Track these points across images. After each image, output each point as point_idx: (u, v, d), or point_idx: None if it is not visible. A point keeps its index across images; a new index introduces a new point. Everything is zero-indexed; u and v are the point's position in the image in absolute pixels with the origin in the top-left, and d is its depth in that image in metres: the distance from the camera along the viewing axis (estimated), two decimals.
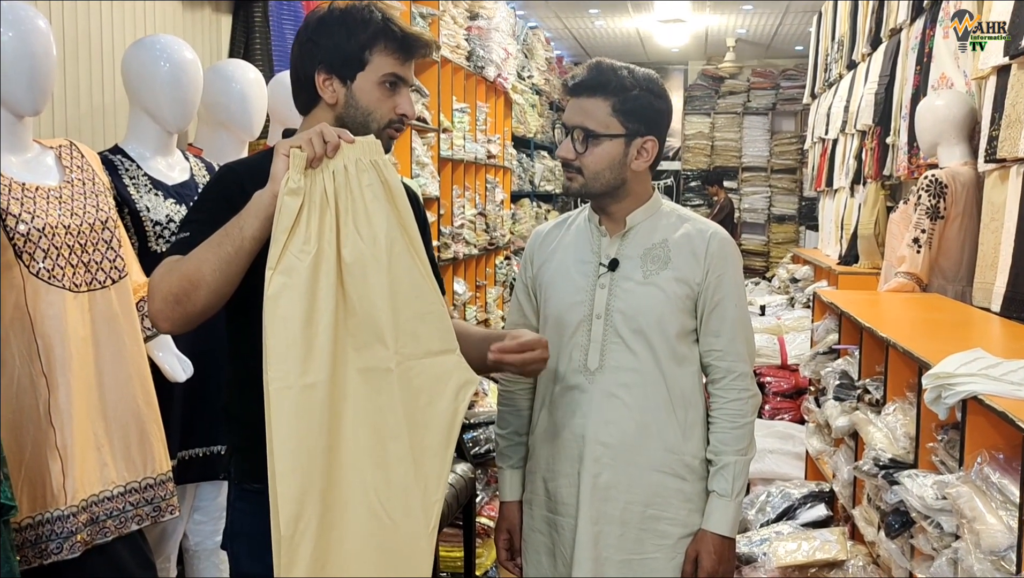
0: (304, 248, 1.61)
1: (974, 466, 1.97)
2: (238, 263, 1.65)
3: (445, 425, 1.72)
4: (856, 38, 6.42)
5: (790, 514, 3.65)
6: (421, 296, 1.71)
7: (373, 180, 1.68)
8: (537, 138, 10.15)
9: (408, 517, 1.67)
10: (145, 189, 2.61)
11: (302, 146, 1.63)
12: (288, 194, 1.61)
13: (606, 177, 2.03)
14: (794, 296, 7.03)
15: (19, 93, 2.16)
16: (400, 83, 1.84)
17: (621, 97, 2.00)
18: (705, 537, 2.04)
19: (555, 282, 2.13)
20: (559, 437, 2.09)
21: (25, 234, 2.10)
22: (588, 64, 2.05)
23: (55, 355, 2.12)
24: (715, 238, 2.07)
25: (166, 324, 1.69)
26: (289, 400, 1.59)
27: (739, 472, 2.05)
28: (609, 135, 2.01)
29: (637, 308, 2.03)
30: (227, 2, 3.81)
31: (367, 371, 1.66)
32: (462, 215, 6.66)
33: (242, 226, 1.65)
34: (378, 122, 1.82)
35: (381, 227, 1.66)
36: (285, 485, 1.58)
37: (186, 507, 2.75)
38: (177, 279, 1.65)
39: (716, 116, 13.75)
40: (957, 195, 3.61)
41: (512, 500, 2.21)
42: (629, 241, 2.08)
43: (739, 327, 2.07)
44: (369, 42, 1.80)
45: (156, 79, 2.64)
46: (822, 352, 3.72)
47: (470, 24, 6.98)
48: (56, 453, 2.10)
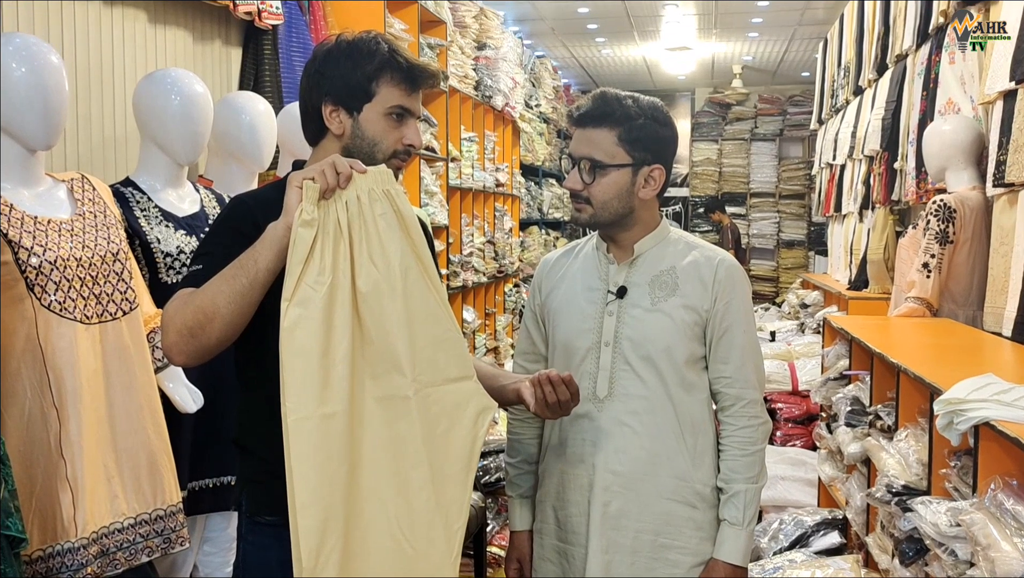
0: (319, 279, 1.61)
1: (988, 493, 1.95)
2: (252, 295, 1.65)
3: (465, 452, 1.72)
4: (862, 64, 6.44)
5: (803, 542, 3.62)
6: (437, 323, 1.71)
7: (386, 209, 1.68)
8: (545, 166, 10.19)
9: (431, 546, 1.67)
10: (156, 221, 2.63)
11: (315, 178, 1.64)
12: (302, 225, 1.61)
13: (614, 206, 2.04)
14: (804, 322, 7.01)
15: (32, 127, 2.18)
16: (407, 114, 1.84)
17: (626, 126, 2.01)
18: (716, 566, 2.03)
19: (563, 310, 2.13)
20: (569, 466, 2.08)
21: (37, 267, 2.11)
22: (593, 94, 2.05)
23: (66, 387, 2.12)
24: (723, 265, 2.07)
25: (180, 357, 1.68)
26: (308, 431, 1.58)
27: (750, 500, 2.03)
28: (616, 165, 2.02)
29: (645, 335, 2.03)
30: (237, 35, 3.85)
31: (385, 400, 1.66)
32: (471, 243, 6.67)
33: (256, 258, 1.65)
34: (384, 153, 1.83)
35: (395, 256, 1.67)
36: (306, 517, 1.57)
37: (196, 538, 2.74)
38: (192, 312, 1.65)
39: (723, 142, 13.78)
40: (966, 220, 3.61)
41: (522, 529, 2.20)
42: (637, 268, 2.08)
43: (748, 354, 2.07)
44: (375, 73, 1.80)
45: (167, 112, 2.67)
46: (833, 378, 3.71)
47: (478, 54, 7.03)
48: (67, 485, 2.11)
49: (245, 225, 1.75)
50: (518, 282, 8.42)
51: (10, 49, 2.17)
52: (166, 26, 3.37)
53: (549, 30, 10.08)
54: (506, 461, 2.23)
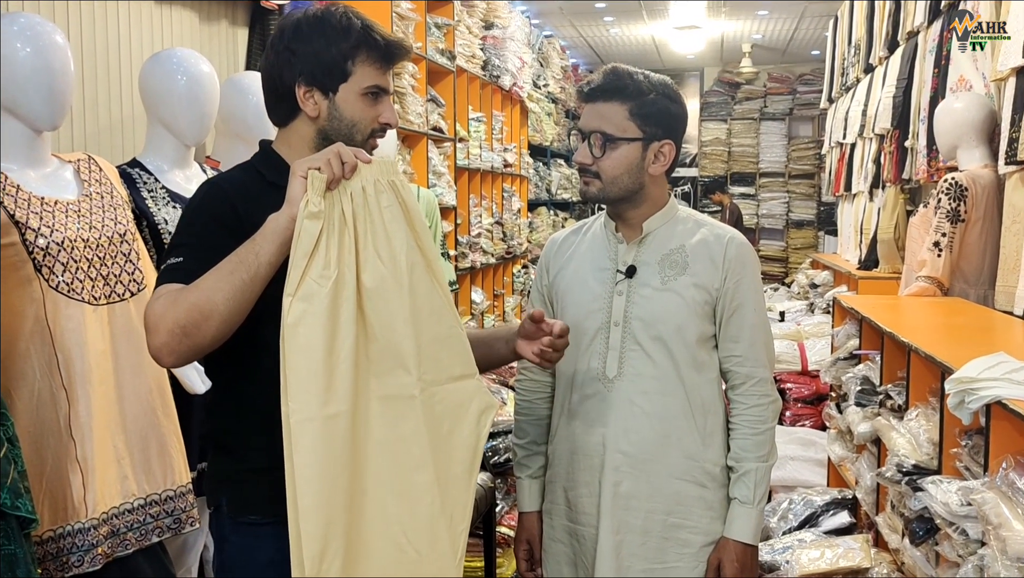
0: (324, 273, 1.54)
1: (999, 472, 1.94)
2: (252, 290, 1.56)
3: (468, 452, 1.69)
4: (873, 41, 6.38)
5: (813, 522, 3.61)
6: (442, 320, 1.66)
7: (391, 201, 1.62)
8: (553, 146, 10.16)
9: (434, 549, 1.63)
10: (163, 202, 2.62)
11: (320, 167, 1.56)
12: (308, 218, 1.54)
13: (624, 181, 2.02)
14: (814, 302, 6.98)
15: (37, 108, 2.18)
16: (382, 92, 1.76)
17: (638, 101, 1.99)
18: (727, 545, 2.03)
19: (572, 290, 2.11)
20: (578, 446, 2.07)
21: (44, 248, 2.11)
22: (603, 69, 2.04)
23: (75, 368, 2.13)
24: (733, 243, 2.06)
25: (170, 358, 1.57)
26: (311, 432, 1.52)
27: (760, 478, 2.03)
28: (626, 139, 2.00)
29: (655, 315, 2.02)
30: (243, 15, 3.83)
31: (388, 399, 1.61)
32: (479, 224, 6.66)
33: (257, 252, 1.55)
34: (362, 133, 1.75)
35: (401, 249, 1.61)
36: (310, 522, 1.52)
37: (206, 519, 2.75)
38: (185, 310, 1.54)
39: (733, 122, 13.72)
40: (977, 198, 3.58)
41: (531, 510, 2.20)
42: (646, 247, 2.07)
43: (758, 332, 2.06)
44: (351, 52, 1.71)
45: (173, 93, 2.66)
46: (843, 358, 3.69)
47: (485, 34, 7.00)
48: (77, 466, 2.11)
49: (224, 212, 1.66)
50: (527, 263, 8.41)
51: (15, 29, 2.16)
52: (172, 6, 3.36)
53: (557, 9, 10.02)
54: (514, 442, 2.23)
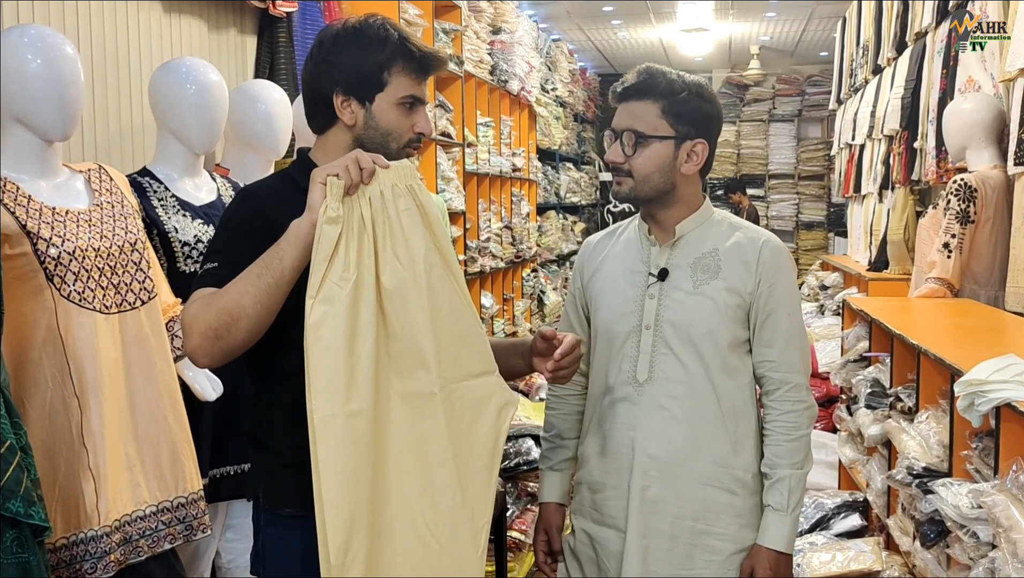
0: (344, 276, 1.61)
1: (1009, 474, 1.94)
2: (278, 293, 1.64)
3: (489, 447, 1.72)
4: (881, 43, 6.37)
5: (824, 524, 3.61)
6: (461, 318, 1.71)
7: (409, 205, 1.68)
8: (562, 150, 10.16)
9: (456, 542, 1.67)
10: (173, 210, 2.64)
11: (339, 174, 1.63)
12: (327, 223, 1.61)
13: (656, 180, 2.00)
14: (824, 303, 6.96)
15: (48, 119, 2.19)
16: (417, 102, 1.82)
17: (670, 100, 1.98)
18: (760, 552, 1.99)
19: (604, 293, 2.10)
20: (607, 449, 2.06)
21: (56, 257, 2.12)
22: (637, 69, 2.03)
23: (87, 377, 2.14)
24: (767, 247, 2.03)
25: (205, 360, 1.66)
26: (335, 429, 1.59)
27: (795, 486, 2.00)
28: (658, 137, 1.99)
29: (687, 319, 2.00)
30: (252, 23, 3.85)
31: (409, 396, 1.67)
32: (488, 228, 6.67)
33: (282, 257, 1.63)
34: (398, 142, 1.80)
35: (419, 251, 1.67)
36: (334, 514, 1.58)
37: (218, 525, 2.76)
38: (216, 314, 1.62)
39: (741, 124, 13.68)
40: (987, 199, 3.57)
41: (550, 501, 2.18)
42: (679, 250, 2.05)
43: (793, 337, 2.03)
44: (387, 63, 1.77)
45: (182, 102, 2.67)
46: (853, 360, 3.69)
47: (493, 38, 7.01)
48: (89, 474, 2.13)
49: (257, 219, 1.74)
50: (536, 267, 8.42)
51: (25, 41, 2.18)
52: (181, 16, 3.38)
53: (564, 13, 10.02)
54: (542, 435, 2.23)
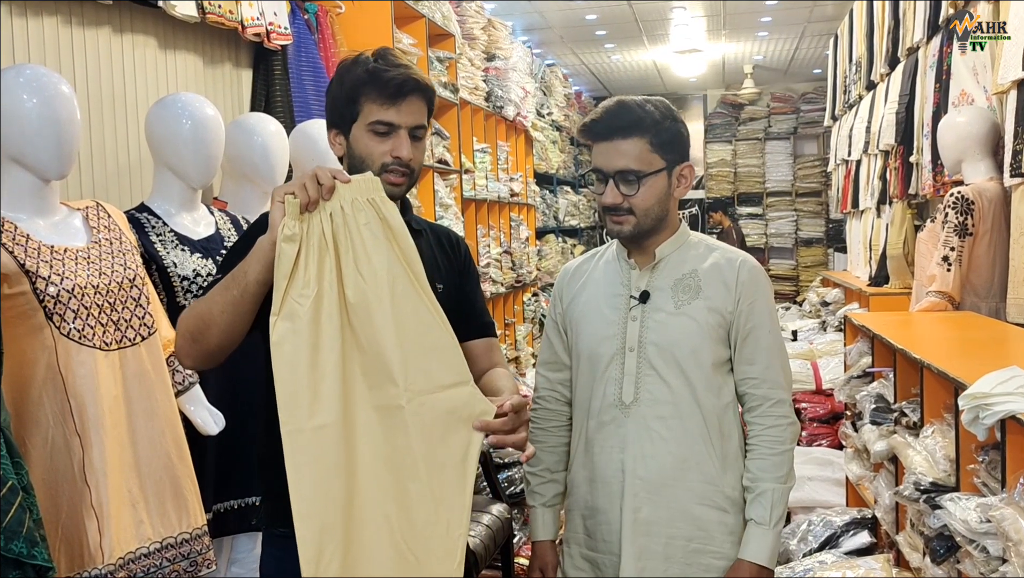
0: (304, 292, 1.63)
1: (1017, 487, 1.93)
2: (244, 305, 1.70)
3: (460, 458, 1.69)
4: (874, 59, 6.41)
5: (833, 542, 3.59)
6: (429, 331, 1.69)
7: (371, 218, 1.68)
8: (560, 174, 10.18)
9: (431, 555, 1.67)
10: (172, 245, 2.64)
11: (295, 192, 1.65)
12: (285, 241, 1.64)
13: (656, 211, 2.03)
14: (826, 320, 6.96)
15: (45, 158, 2.20)
16: (391, 128, 1.82)
17: (654, 131, 2.00)
18: (742, 566, 2.00)
19: (586, 317, 2.12)
20: (597, 474, 2.06)
21: (55, 296, 2.12)
22: (608, 107, 2.03)
23: (88, 414, 2.13)
24: (745, 266, 2.06)
25: (187, 360, 1.78)
26: (301, 443, 1.62)
27: (777, 500, 2.01)
28: (654, 171, 2.01)
29: (671, 339, 2.02)
30: (247, 57, 3.87)
31: (381, 409, 1.67)
32: (488, 254, 6.68)
33: (246, 271, 1.69)
34: (374, 169, 1.81)
35: (382, 265, 1.67)
36: (303, 527, 1.60)
37: (223, 560, 2.75)
38: (193, 318, 1.74)
39: (737, 143, 13.74)
40: (984, 211, 3.58)
41: (544, 539, 2.18)
42: (659, 273, 2.07)
43: (774, 354, 2.05)
44: (355, 92, 1.83)
45: (179, 137, 2.68)
46: (856, 376, 3.68)
47: (487, 65, 7.04)
48: (92, 512, 2.11)
49: None
50: (537, 291, 8.41)
51: (21, 80, 2.19)
52: (176, 51, 3.40)
53: (558, 38, 10.08)
54: (527, 470, 2.21)
